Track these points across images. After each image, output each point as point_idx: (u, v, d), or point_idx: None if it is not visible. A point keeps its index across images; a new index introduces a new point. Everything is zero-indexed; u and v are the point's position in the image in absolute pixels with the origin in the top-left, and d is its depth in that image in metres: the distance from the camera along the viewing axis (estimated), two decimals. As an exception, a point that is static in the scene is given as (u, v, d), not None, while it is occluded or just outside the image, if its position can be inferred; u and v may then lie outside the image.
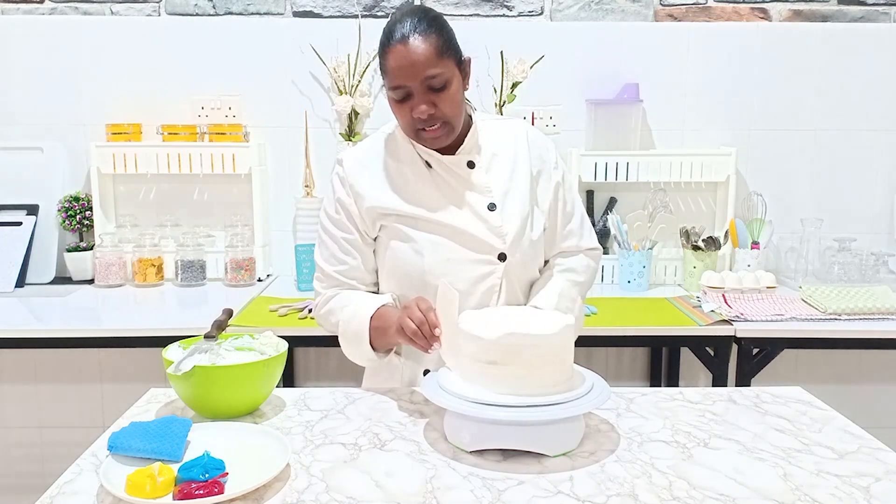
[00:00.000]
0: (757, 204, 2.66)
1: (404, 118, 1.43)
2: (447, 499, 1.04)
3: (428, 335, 1.31)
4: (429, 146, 1.47)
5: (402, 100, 1.41)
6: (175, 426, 1.17)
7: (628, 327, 2.17)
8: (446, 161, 1.49)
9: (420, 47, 1.37)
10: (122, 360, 2.78)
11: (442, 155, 1.49)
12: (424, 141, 1.46)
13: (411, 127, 1.43)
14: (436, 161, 1.49)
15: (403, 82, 1.39)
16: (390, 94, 1.42)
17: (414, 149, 1.51)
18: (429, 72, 1.38)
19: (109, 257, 2.55)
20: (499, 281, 1.49)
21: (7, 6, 2.67)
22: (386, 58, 1.39)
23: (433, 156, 1.49)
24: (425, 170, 1.51)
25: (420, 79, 1.38)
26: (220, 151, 2.59)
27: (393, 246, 1.50)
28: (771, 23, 2.72)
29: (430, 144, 1.47)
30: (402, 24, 1.39)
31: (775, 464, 1.15)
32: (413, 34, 1.37)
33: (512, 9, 2.70)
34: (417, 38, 1.37)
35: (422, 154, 1.50)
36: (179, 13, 2.69)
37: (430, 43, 1.38)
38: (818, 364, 2.83)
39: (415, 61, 1.37)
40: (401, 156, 1.52)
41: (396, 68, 1.38)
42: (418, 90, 1.39)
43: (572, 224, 1.61)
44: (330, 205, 1.54)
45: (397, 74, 1.38)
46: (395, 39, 1.38)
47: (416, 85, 1.39)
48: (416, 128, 1.43)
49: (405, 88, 1.39)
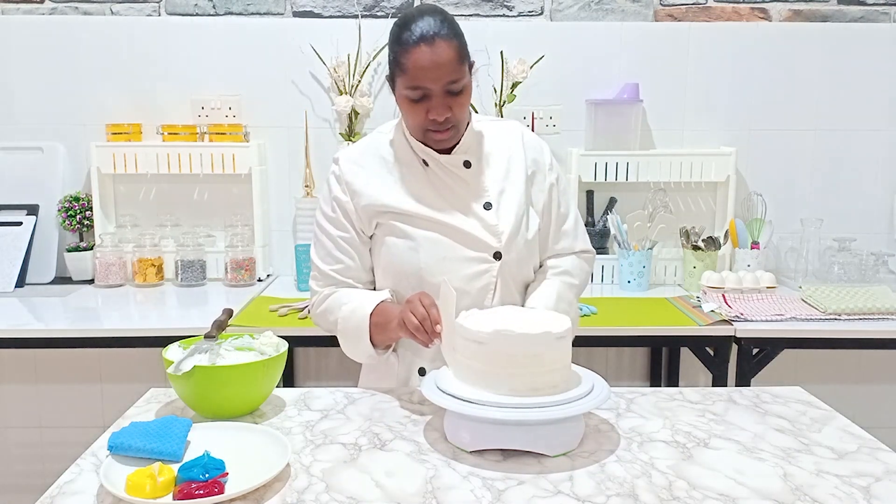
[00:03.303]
0: (757, 204, 2.66)
1: (416, 118, 1.43)
2: (447, 499, 1.04)
3: (430, 330, 1.32)
4: (434, 147, 1.48)
5: (419, 100, 1.41)
6: (175, 426, 1.17)
7: (628, 327, 2.17)
8: (443, 160, 1.49)
9: (445, 51, 1.37)
10: (122, 360, 2.78)
11: (439, 154, 1.49)
12: (431, 142, 1.46)
13: (422, 127, 1.44)
14: (433, 160, 1.50)
15: (425, 84, 1.38)
16: (406, 92, 1.41)
17: (411, 148, 1.52)
18: (452, 77, 1.39)
19: (109, 257, 2.55)
20: (494, 280, 1.49)
21: (7, 6, 2.67)
22: (406, 56, 1.38)
23: (431, 155, 1.49)
24: (422, 168, 1.51)
25: (443, 83, 1.38)
26: (220, 151, 2.59)
27: (389, 243, 1.50)
28: (771, 23, 2.72)
29: (435, 145, 1.47)
30: (424, 24, 1.37)
31: (775, 464, 1.15)
32: (438, 37, 1.36)
33: (512, 9, 2.70)
34: (443, 42, 1.37)
35: (419, 153, 1.51)
36: (179, 13, 2.69)
37: (454, 48, 1.39)
38: (818, 364, 2.83)
39: (440, 65, 1.37)
40: (398, 155, 1.52)
41: (419, 69, 1.37)
42: (438, 93, 1.39)
43: (566, 225, 1.61)
44: (326, 203, 1.54)
45: (419, 75, 1.38)
46: (418, 39, 1.36)
47: (437, 88, 1.39)
48: (426, 128, 1.43)
49: (424, 90, 1.39)
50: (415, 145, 1.51)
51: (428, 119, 1.42)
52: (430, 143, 1.47)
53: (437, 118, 1.41)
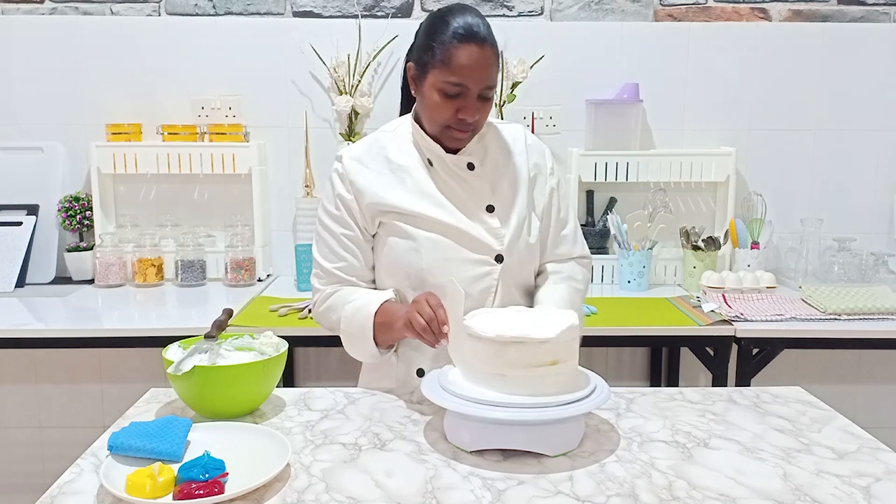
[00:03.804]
0: (757, 204, 2.66)
1: (444, 113, 1.43)
2: (447, 499, 1.04)
3: (437, 331, 1.32)
4: (448, 144, 1.49)
5: (453, 96, 1.41)
6: (175, 426, 1.17)
7: (628, 327, 2.17)
8: (448, 159, 1.49)
9: (492, 56, 1.41)
10: (122, 360, 2.78)
11: (445, 153, 1.50)
12: (448, 139, 1.47)
13: (445, 123, 1.44)
14: (438, 159, 1.50)
15: (466, 82, 1.40)
16: (443, 85, 1.41)
17: (417, 146, 1.52)
18: (490, 82, 1.42)
19: (109, 257, 2.55)
20: (495, 282, 1.49)
21: (7, 6, 2.67)
22: (453, 51, 1.38)
23: (438, 153, 1.49)
24: (425, 169, 1.51)
25: (482, 86, 1.41)
26: (220, 151, 2.59)
27: (391, 243, 1.50)
28: (771, 23, 2.72)
29: (451, 143, 1.48)
30: (474, 23, 1.40)
31: (775, 464, 1.15)
32: (487, 41, 1.40)
33: (512, 9, 2.70)
34: (489, 47, 1.41)
35: (425, 151, 1.51)
36: (179, 13, 2.69)
37: (496, 55, 1.43)
38: (818, 364, 2.83)
39: (485, 67, 1.40)
40: (402, 154, 1.52)
41: (464, 67, 1.38)
42: (474, 94, 1.41)
43: (566, 231, 1.62)
44: (329, 201, 1.54)
45: (464, 73, 1.39)
46: (469, 37, 1.38)
47: (475, 89, 1.41)
48: (449, 125, 1.44)
49: (463, 88, 1.40)
50: (421, 143, 1.51)
51: (456, 117, 1.43)
52: (447, 140, 1.47)
53: (466, 118, 1.42)
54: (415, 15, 2.68)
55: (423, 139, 1.51)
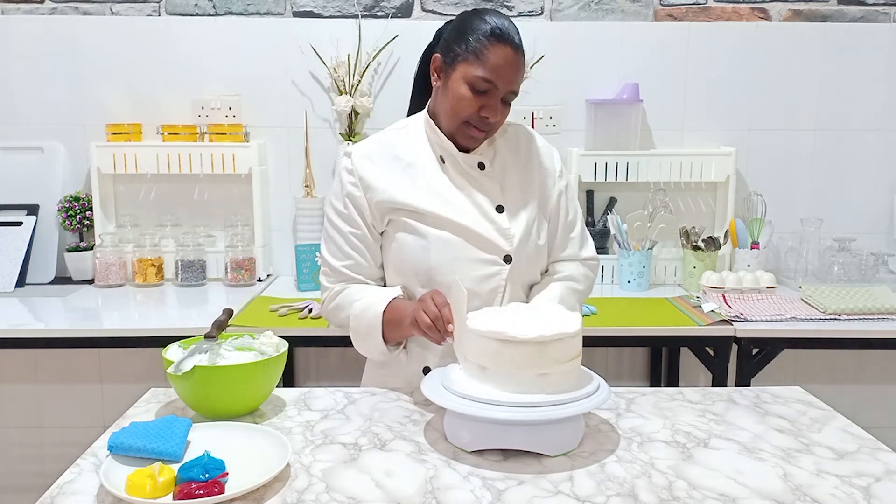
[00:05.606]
0: (757, 204, 2.66)
1: (467, 108, 1.44)
2: (447, 499, 1.04)
3: (442, 329, 1.33)
4: (463, 143, 1.50)
5: (481, 92, 1.43)
6: (175, 426, 1.17)
7: (628, 327, 2.17)
8: (460, 158, 1.50)
9: (522, 62, 1.45)
10: (122, 360, 2.78)
11: (457, 151, 1.50)
12: (464, 136, 1.48)
13: (466, 118, 1.45)
14: (450, 157, 1.50)
15: (496, 80, 1.42)
16: (473, 80, 1.42)
17: (429, 144, 1.52)
18: (516, 87, 1.45)
19: (109, 257, 2.55)
20: (503, 283, 1.50)
21: (7, 6, 2.67)
22: (491, 48, 1.40)
23: (450, 151, 1.50)
24: (437, 168, 1.51)
25: (509, 88, 1.44)
26: (220, 151, 2.59)
27: (400, 240, 1.50)
28: (771, 23, 2.72)
29: (466, 142, 1.50)
30: (512, 29, 1.43)
31: (775, 464, 1.15)
32: (520, 48, 1.44)
33: (512, 9, 2.70)
34: (522, 55, 1.44)
35: (437, 147, 1.51)
36: (179, 13, 2.69)
37: (524, 63, 1.46)
38: (818, 364, 2.84)
39: (516, 70, 1.43)
40: (412, 151, 1.52)
41: (499, 66, 1.41)
42: (499, 95, 1.44)
43: (574, 233, 1.63)
44: (338, 199, 1.54)
45: (497, 71, 1.41)
46: (507, 38, 1.41)
47: (503, 90, 1.43)
48: (468, 121, 1.45)
49: (492, 86, 1.42)
50: (434, 140, 1.52)
51: (478, 114, 1.44)
52: (462, 138, 1.48)
53: (489, 116, 1.44)
54: (415, 15, 2.68)
55: (436, 135, 1.51)
